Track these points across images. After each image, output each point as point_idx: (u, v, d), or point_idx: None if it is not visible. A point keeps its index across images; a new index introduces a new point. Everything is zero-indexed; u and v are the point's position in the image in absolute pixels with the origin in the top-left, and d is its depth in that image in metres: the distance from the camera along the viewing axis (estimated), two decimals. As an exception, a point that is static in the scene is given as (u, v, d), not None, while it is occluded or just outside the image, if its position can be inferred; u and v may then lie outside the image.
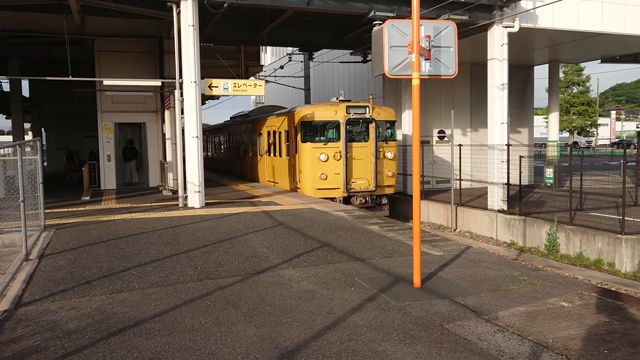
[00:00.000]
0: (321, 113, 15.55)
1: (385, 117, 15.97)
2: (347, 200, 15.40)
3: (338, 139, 15.30)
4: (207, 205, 12.84)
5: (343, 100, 16.04)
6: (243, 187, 18.16)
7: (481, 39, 14.99)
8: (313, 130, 15.56)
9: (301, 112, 15.74)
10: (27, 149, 10.37)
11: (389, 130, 16.19)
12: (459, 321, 5.08)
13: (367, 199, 15.70)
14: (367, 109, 15.55)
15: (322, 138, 15.49)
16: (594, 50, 20.05)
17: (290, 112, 16.55)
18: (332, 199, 15.07)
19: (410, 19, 6.00)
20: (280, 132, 17.35)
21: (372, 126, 15.51)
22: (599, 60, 22.16)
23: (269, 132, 18.55)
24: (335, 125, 15.38)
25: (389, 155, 15.90)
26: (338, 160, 15.22)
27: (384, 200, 16.26)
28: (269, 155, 18.63)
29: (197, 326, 4.96)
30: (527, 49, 18.61)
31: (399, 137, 17.69)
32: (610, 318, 5.20)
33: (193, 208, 12.44)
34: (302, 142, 15.49)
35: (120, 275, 6.73)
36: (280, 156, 17.48)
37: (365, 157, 15.50)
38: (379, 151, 15.63)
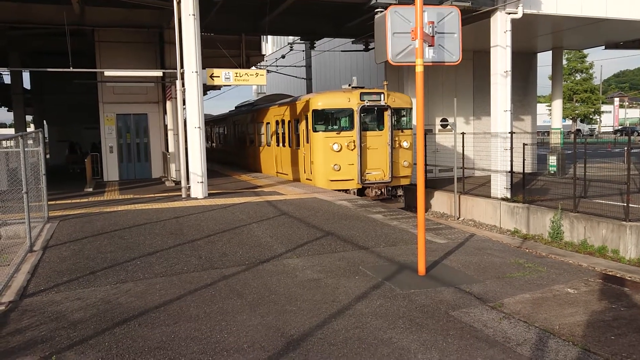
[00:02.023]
0: (334, 100, 14.77)
1: (401, 104, 15.16)
2: (361, 192, 14.72)
3: (352, 127, 14.54)
4: (210, 195, 12.84)
5: (356, 87, 15.19)
6: (246, 177, 18.14)
7: (484, 25, 14.87)
8: (325, 119, 14.78)
9: (313, 99, 14.96)
10: (30, 141, 10.34)
11: (405, 118, 15.34)
12: (464, 308, 5.06)
13: (383, 190, 14.95)
14: (382, 95, 14.74)
15: (335, 127, 14.72)
16: (597, 36, 19.89)
17: (301, 100, 15.82)
18: (346, 190, 14.39)
19: (413, 5, 5.93)
20: (289, 121, 16.63)
21: (387, 114, 14.72)
22: (603, 47, 22.00)
23: (277, 122, 17.82)
24: (349, 113, 14.61)
25: (405, 144, 15.14)
26: (352, 150, 14.45)
27: (400, 192, 15.50)
28: (278, 145, 17.90)
29: (202, 315, 4.96)
30: (530, 35, 18.47)
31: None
32: (616, 304, 5.19)
33: (196, 199, 12.44)
34: (313, 131, 14.70)
35: (124, 265, 6.73)
36: (290, 146, 16.81)
37: (380, 146, 14.77)
38: (395, 140, 14.89)
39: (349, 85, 15.54)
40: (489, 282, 5.91)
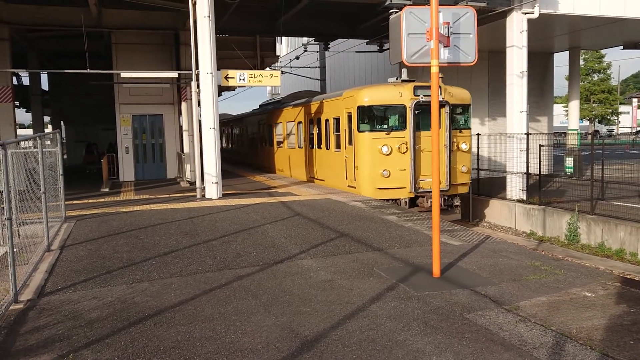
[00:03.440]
0: (383, 95, 12.80)
1: (459, 100, 13.21)
2: (412, 203, 12.77)
3: (404, 127, 12.55)
4: (225, 196, 12.90)
5: (407, 80, 13.21)
6: (261, 178, 18.18)
7: (500, 26, 14.74)
8: (372, 117, 12.86)
9: (358, 94, 13.06)
10: (47, 142, 10.49)
11: (463, 116, 13.43)
12: (479, 311, 5.02)
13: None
14: (439, 89, 12.56)
15: (384, 126, 12.80)
16: (615, 36, 19.62)
17: (343, 96, 13.97)
18: (395, 200, 12.62)
19: (429, 5, 5.90)
20: (327, 120, 14.77)
21: (444, 111, 12.59)
22: (621, 47, 21.69)
23: (311, 120, 16.05)
24: (400, 110, 12.62)
25: (464, 146, 13.18)
26: (404, 153, 12.49)
27: (457, 202, 13.45)
28: (312, 147, 16.04)
29: (216, 316, 4.98)
30: (546, 35, 18.28)
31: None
32: (635, 308, 5.10)
33: (211, 199, 12.50)
34: (358, 131, 12.82)
35: (140, 265, 6.78)
36: (327, 148, 14.88)
37: None
38: (452, 142, 12.88)
39: (397, 78, 13.69)
40: (504, 284, 5.86)
